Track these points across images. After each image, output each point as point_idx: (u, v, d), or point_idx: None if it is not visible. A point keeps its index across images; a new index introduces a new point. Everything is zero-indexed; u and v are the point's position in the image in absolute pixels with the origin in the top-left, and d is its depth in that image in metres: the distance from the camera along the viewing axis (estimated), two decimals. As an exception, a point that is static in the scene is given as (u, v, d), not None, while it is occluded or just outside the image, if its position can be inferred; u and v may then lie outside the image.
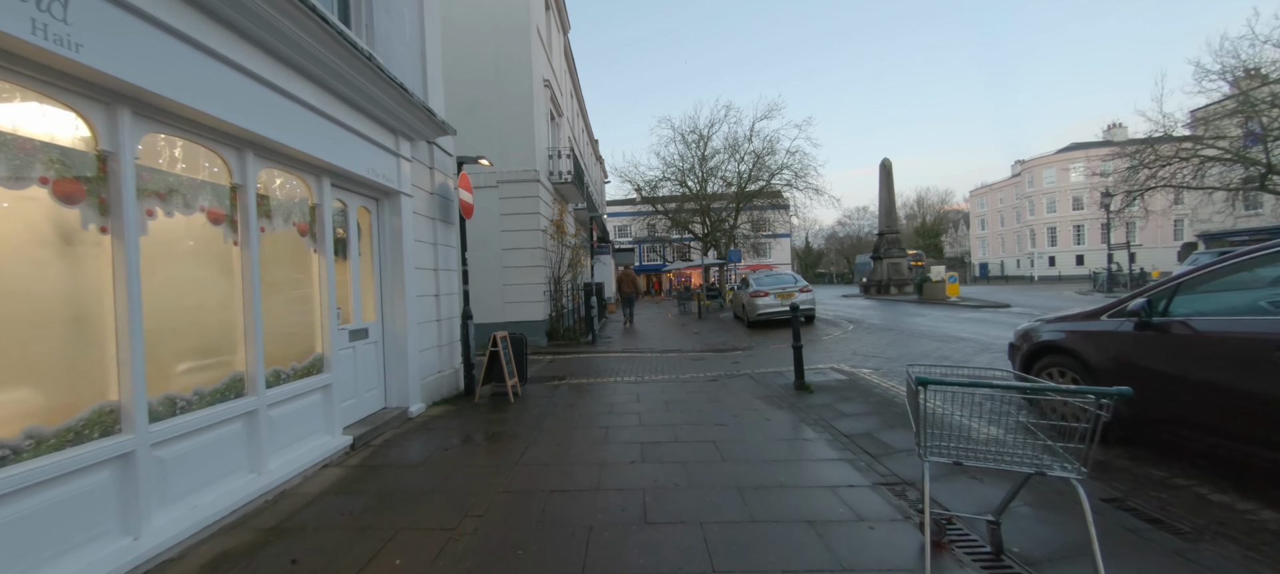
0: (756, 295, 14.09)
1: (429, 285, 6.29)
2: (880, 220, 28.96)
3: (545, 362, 10.04)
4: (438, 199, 6.59)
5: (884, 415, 5.07)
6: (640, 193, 30.52)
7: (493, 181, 11.78)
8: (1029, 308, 16.37)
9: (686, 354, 10.28)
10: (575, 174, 14.03)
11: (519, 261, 11.80)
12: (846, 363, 8.20)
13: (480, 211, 11.78)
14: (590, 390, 6.99)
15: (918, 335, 10.93)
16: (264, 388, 3.58)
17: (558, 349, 11.37)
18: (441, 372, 6.53)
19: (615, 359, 9.90)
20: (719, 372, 8.08)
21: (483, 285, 11.84)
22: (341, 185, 4.76)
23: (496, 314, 11.83)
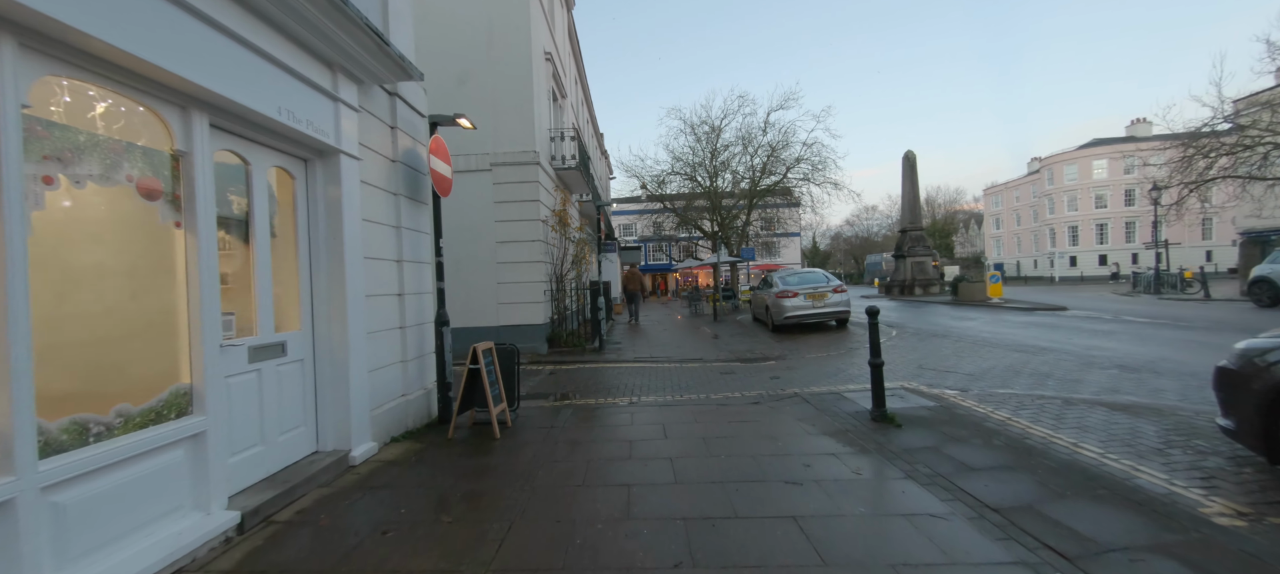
0: (784, 296, 12.50)
1: (388, 281, 4.76)
2: (903, 216, 27.30)
3: (545, 373, 8.49)
4: (402, 169, 5.05)
5: (1034, 471, 3.49)
6: (646, 189, 28.95)
7: (485, 164, 10.25)
8: (1093, 310, 14.73)
9: (711, 365, 8.71)
10: (580, 159, 12.50)
11: (516, 257, 10.26)
12: (916, 379, 6.62)
13: (472, 199, 10.27)
14: (601, 416, 5.44)
15: (982, 343, 9.32)
16: (36, 458, 2.04)
17: (560, 357, 9.83)
18: (407, 395, 4.99)
19: (628, 371, 8.34)
20: (758, 390, 6.52)
21: (474, 284, 10.31)
22: (236, 130, 3.22)
23: (490, 317, 10.29)
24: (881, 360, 4.81)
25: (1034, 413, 4.82)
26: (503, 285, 10.28)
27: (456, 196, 10.19)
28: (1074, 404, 5.06)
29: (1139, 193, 49.16)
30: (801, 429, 4.65)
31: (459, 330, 10.25)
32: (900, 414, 4.86)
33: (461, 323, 10.18)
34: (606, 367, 8.97)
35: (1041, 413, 4.82)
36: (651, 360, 9.47)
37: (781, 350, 10.01)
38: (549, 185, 11.31)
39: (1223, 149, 17.39)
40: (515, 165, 10.25)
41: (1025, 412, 4.87)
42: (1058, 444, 3.97)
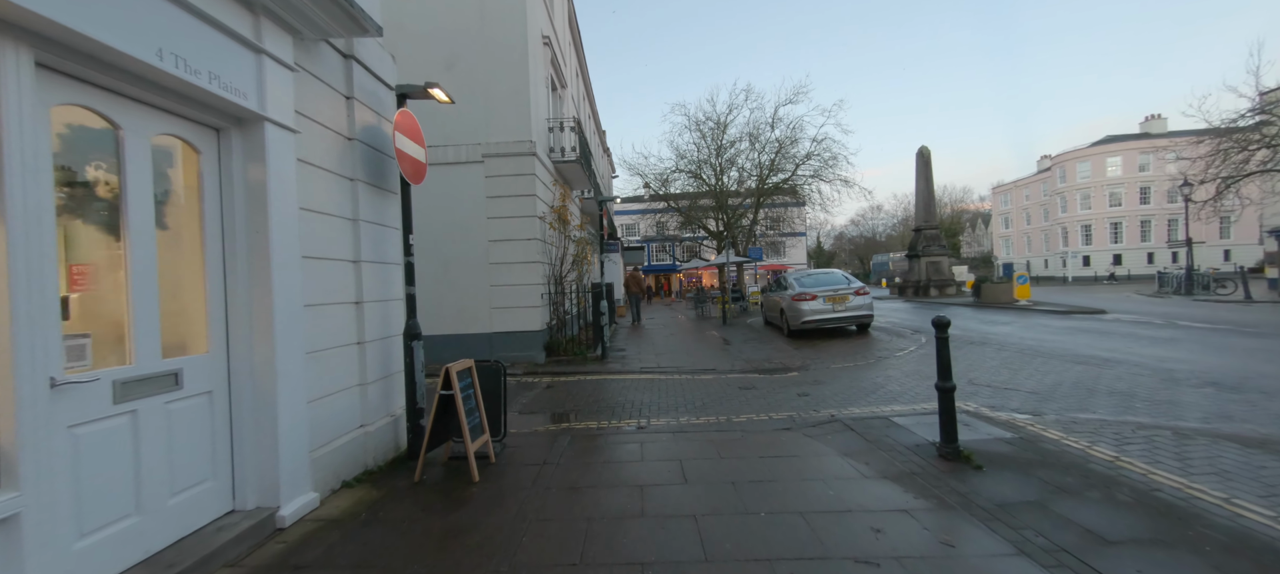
0: (801, 298, 11.56)
1: (339, 286, 3.85)
2: (917, 214, 26.31)
3: (541, 387, 7.57)
4: (361, 150, 4.14)
5: (1197, 548, 2.55)
6: (649, 188, 28.03)
7: (476, 155, 9.34)
8: (1136, 314, 13.73)
9: (727, 377, 7.78)
10: (581, 152, 11.59)
11: (511, 257, 9.35)
12: (972, 398, 5.68)
13: (462, 193, 9.37)
14: (604, 447, 4.52)
15: (1031, 353, 8.35)
16: None
17: (559, 367, 8.91)
18: (366, 425, 4.08)
19: (635, 385, 7.42)
20: (787, 410, 5.59)
21: (465, 287, 9.41)
22: (93, 78, 2.31)
23: (483, 323, 9.39)
24: (952, 384, 3.87)
25: (1145, 449, 3.88)
26: (496, 288, 9.37)
27: (445, 191, 9.31)
28: (1189, 437, 4.11)
29: (1154, 191, 48.01)
30: (853, 470, 3.72)
31: (448, 338, 9.36)
32: (976, 450, 3.93)
33: (451, 329, 9.29)
34: (610, 379, 8.05)
35: (1155, 449, 3.87)
36: (660, 371, 8.54)
37: (802, 359, 9.07)
38: (547, 179, 10.41)
39: (1262, 141, 16.41)
40: (510, 157, 9.35)
41: (1132, 447, 3.93)
42: (1204, 500, 3.03)
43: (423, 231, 9.82)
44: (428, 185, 9.68)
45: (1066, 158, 52.90)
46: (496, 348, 9.34)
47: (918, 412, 5.20)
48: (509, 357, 9.32)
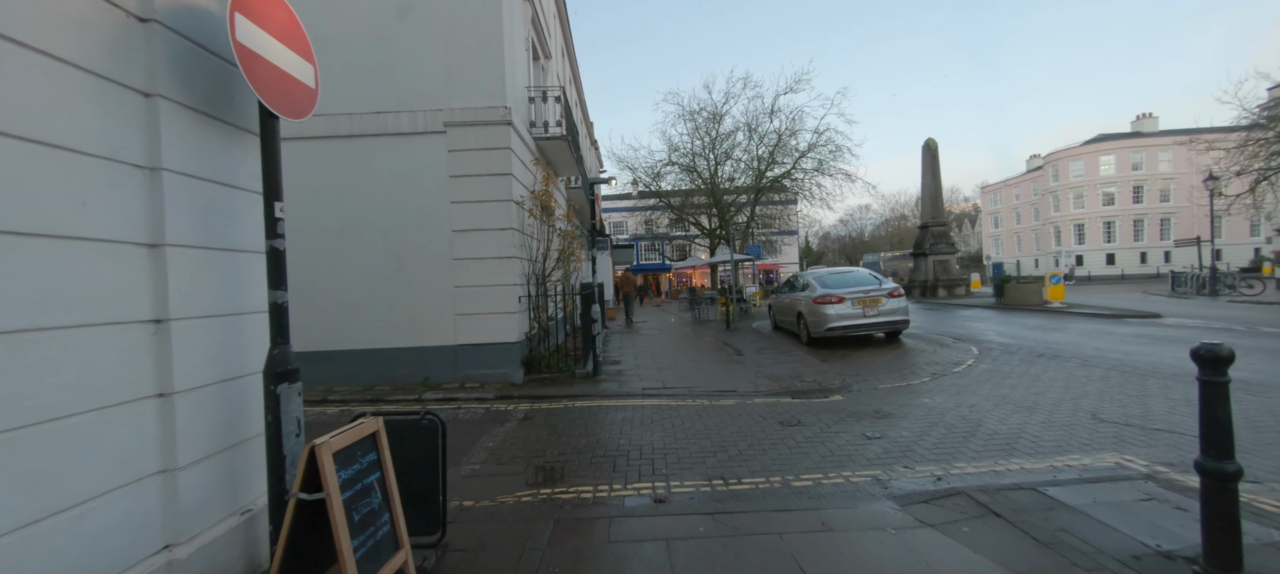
0: (824, 301, 9.90)
1: (99, 290, 2.00)
2: (923, 211, 24.97)
3: (515, 419, 5.75)
4: (162, 39, 2.29)
5: None
6: (637, 184, 26.29)
7: (436, 124, 7.47)
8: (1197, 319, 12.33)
9: (753, 403, 6.05)
10: (567, 128, 9.77)
11: (480, 250, 7.51)
12: (1130, 449, 4.03)
13: (417, 171, 7.53)
14: (609, 552, 2.75)
15: (1141, 372, 6.72)
16: None
17: (540, 389, 7.10)
18: (177, 545, 2.23)
19: (638, 415, 5.64)
20: (866, 466, 3.88)
21: (422, 288, 7.55)
22: None
23: (444, 333, 7.53)
24: (1235, 466, 2.17)
25: None
26: (463, 290, 7.52)
27: (397, 168, 7.44)
28: None
29: (1147, 190, 47.70)
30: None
31: (401, 353, 7.48)
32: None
33: (405, 340, 7.42)
34: (605, 407, 6.27)
35: None
36: (668, 393, 6.78)
37: (839, 375, 7.39)
38: (526, 157, 8.57)
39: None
40: (479, 126, 7.50)
41: None
42: None
43: (366, 218, 7.69)
44: (376, 161, 7.81)
45: (1058, 156, 52.42)
46: (463, 363, 7.49)
47: (1080, 477, 3.51)
48: (478, 374, 7.48)
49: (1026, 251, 59.53)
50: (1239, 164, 16.07)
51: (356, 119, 7.44)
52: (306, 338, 7.27)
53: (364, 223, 7.51)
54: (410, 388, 7.29)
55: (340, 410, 6.49)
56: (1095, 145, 49.65)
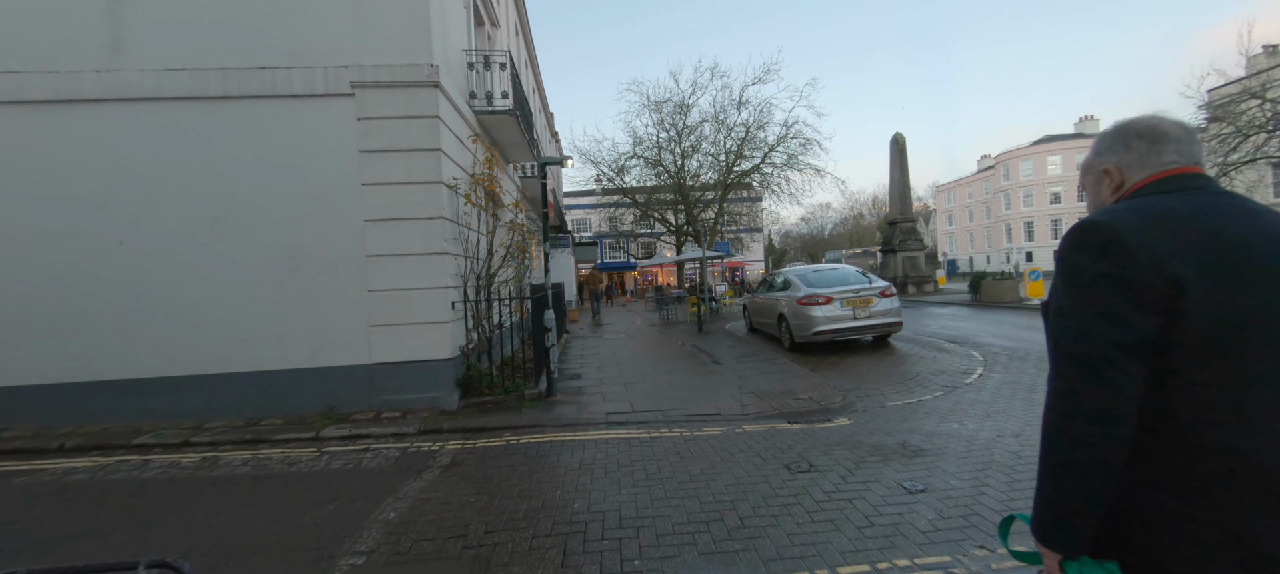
0: (810, 302, 8.84)
1: None
2: (892, 206, 24.64)
3: (435, 472, 4.30)
4: None
5: None
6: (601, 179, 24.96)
7: (341, 85, 5.89)
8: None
9: (743, 432, 4.83)
10: (517, 102, 8.30)
11: (399, 245, 5.99)
12: None
13: (315, 144, 5.97)
14: None
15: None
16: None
17: (476, 418, 5.65)
18: None
19: (601, 460, 4.30)
20: (938, 552, 2.69)
21: (324, 293, 5.99)
22: None
23: (356, 351, 5.97)
24: None
25: None
26: (378, 296, 5.97)
27: (286, 139, 5.85)
28: None
29: (1090, 189, 49.97)
30: None
31: (296, 376, 5.87)
32: None
33: (302, 361, 5.85)
34: (559, 443, 4.90)
35: None
36: (638, 421, 5.48)
37: (835, 390, 6.28)
38: (462, 132, 7.07)
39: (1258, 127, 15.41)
40: (397, 89, 5.96)
41: None
42: None
43: (249, 204, 5.79)
44: (262, 131, 5.67)
45: (1009, 156, 54.23)
46: (381, 387, 5.96)
47: None
48: (399, 400, 5.96)
49: (979, 248, 61.50)
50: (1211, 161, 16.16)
51: (233, 76, 5.77)
52: (168, 358, 5.59)
53: (246, 211, 5.86)
54: (308, 421, 5.70)
55: (201, 459, 4.86)
56: (1043, 146, 51.58)
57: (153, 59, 5.74)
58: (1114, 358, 0.91)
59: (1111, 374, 0.91)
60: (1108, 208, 1.04)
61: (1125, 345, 0.92)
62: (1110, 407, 0.92)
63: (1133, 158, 1.08)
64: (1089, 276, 0.97)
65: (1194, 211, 0.95)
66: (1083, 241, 0.99)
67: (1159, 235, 0.93)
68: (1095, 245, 0.97)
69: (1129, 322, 0.92)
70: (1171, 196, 0.99)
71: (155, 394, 5.73)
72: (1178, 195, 0.99)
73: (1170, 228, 0.93)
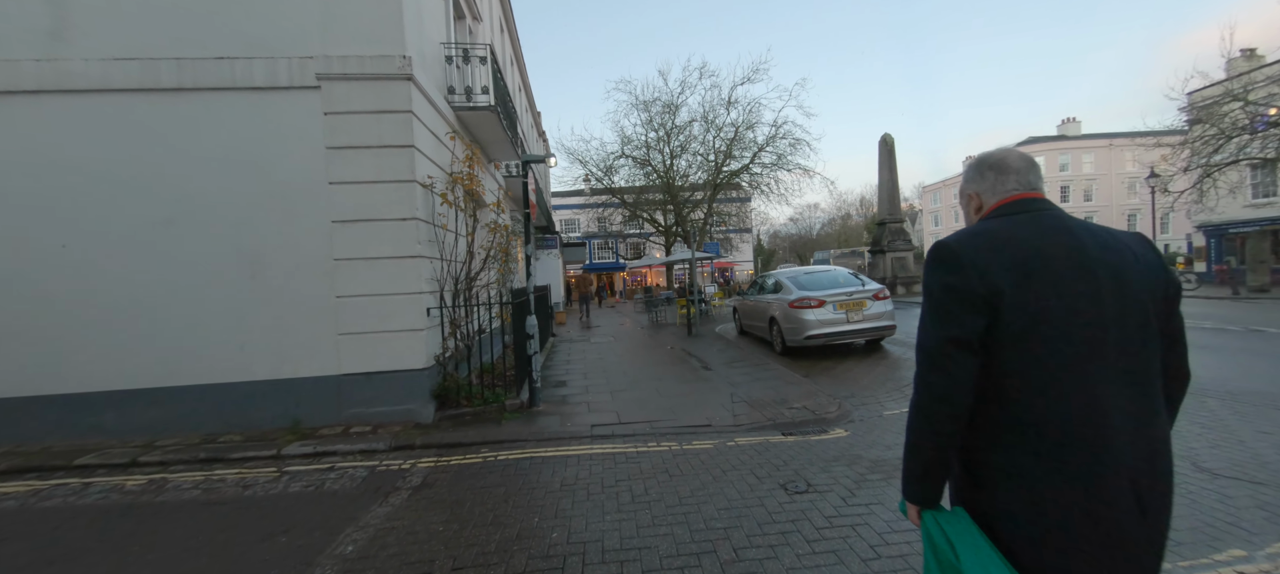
0: (802, 304, 8.61)
1: None
2: (880, 207, 24.62)
3: (404, 495, 3.96)
4: None
5: None
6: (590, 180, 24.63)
7: (307, 77, 5.50)
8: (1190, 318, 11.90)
9: (735, 446, 4.55)
10: (499, 98, 7.95)
11: (370, 248, 5.62)
12: (1272, 532, 2.79)
13: (279, 143, 5.62)
14: None
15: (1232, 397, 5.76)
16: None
17: (454, 432, 5.30)
18: None
19: (584, 481, 3.98)
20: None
21: (290, 299, 5.61)
22: None
23: (324, 361, 5.60)
24: None
25: None
26: (347, 302, 5.60)
27: (249, 135, 5.46)
28: None
29: (1073, 190, 50.59)
30: None
31: (258, 387, 5.48)
32: None
33: (265, 373, 5.47)
34: (540, 460, 4.58)
35: None
36: (625, 433, 5.18)
37: (830, 398, 6.03)
38: (439, 128, 6.72)
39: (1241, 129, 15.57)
40: (367, 82, 5.60)
41: None
42: None
43: (206, 205, 5.35)
44: (220, 126, 5.14)
45: (993, 157, 54.75)
46: (350, 399, 5.59)
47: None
48: (370, 414, 5.60)
49: (964, 248, 62.05)
50: (1185, 161, 16.29)
51: (188, 66, 5.36)
52: (117, 370, 5.18)
53: (203, 212, 5.46)
54: (271, 437, 5.32)
55: (147, 481, 4.46)
56: (1026, 147, 52.13)
57: (99, 47, 5.31)
58: (949, 351, 1.13)
59: (948, 363, 1.13)
60: (956, 231, 1.22)
61: (959, 340, 1.13)
62: (947, 389, 1.14)
63: (986, 186, 1.32)
64: (935, 286, 1.19)
65: (1017, 231, 1.17)
66: (932, 259, 1.21)
67: (987, 252, 1.14)
68: (940, 262, 1.19)
69: (962, 321, 1.13)
70: (1007, 219, 1.21)
71: (102, 409, 5.30)
72: (1011, 218, 1.21)
73: (996, 246, 1.15)
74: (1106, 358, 1.10)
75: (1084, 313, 1.10)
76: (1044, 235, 1.16)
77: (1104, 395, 1.08)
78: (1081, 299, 1.11)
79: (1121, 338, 1.11)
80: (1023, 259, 1.13)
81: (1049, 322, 1.10)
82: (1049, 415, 1.09)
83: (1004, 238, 1.17)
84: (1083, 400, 1.08)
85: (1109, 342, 1.10)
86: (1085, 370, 1.09)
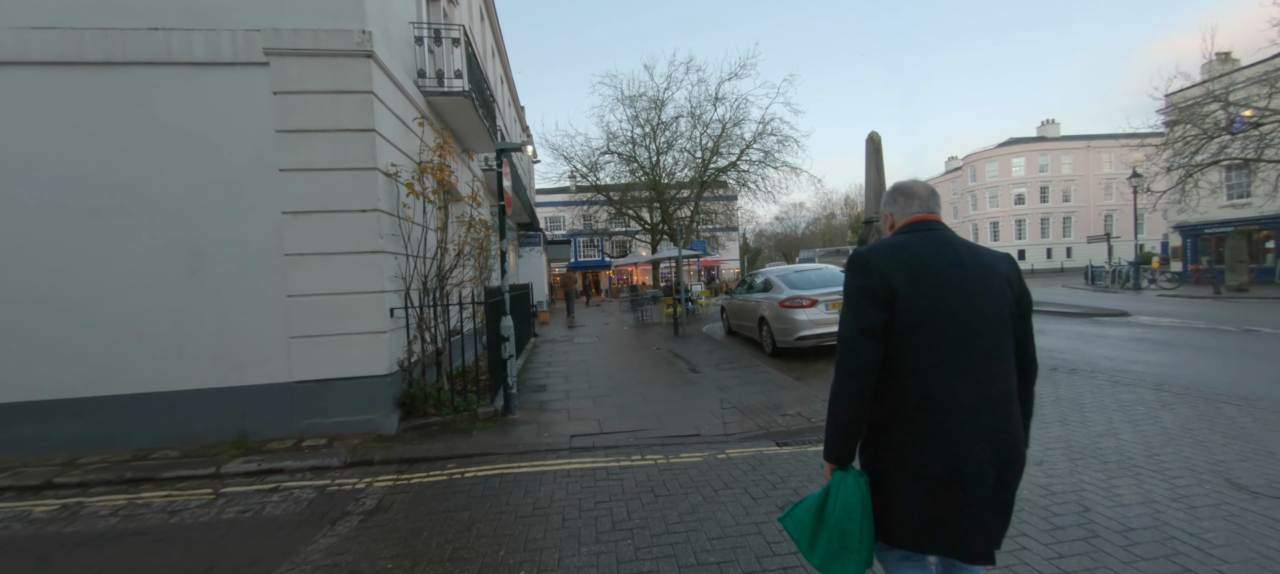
0: (793, 304, 8.28)
1: None
2: (867, 205, 24.18)
3: (352, 523, 3.47)
4: None
5: None
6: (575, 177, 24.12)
7: (252, 52, 4.95)
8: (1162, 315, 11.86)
9: (726, 459, 4.16)
10: (473, 83, 7.44)
11: (326, 242, 5.10)
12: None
13: (223, 124, 5.04)
14: None
15: (1195, 394, 5.43)
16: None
17: (418, 445, 4.82)
18: None
19: (559, 503, 3.53)
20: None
21: (233, 299, 5.07)
22: None
23: (274, 367, 5.06)
24: None
25: None
26: (300, 302, 5.07)
27: (188, 116, 4.91)
28: None
29: (1052, 191, 51.41)
30: None
31: (200, 396, 4.92)
32: None
33: (206, 380, 4.92)
34: (512, 477, 4.12)
35: None
36: (607, 445, 4.75)
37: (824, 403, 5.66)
38: (406, 112, 6.20)
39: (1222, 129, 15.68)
40: (322, 59, 5.06)
41: None
42: None
43: (140, 193, 4.69)
44: (155, 106, 4.45)
45: (976, 158, 55.44)
46: (304, 409, 5.07)
47: None
48: (326, 425, 5.09)
49: (947, 248, 62.78)
50: (1167, 161, 16.36)
51: (117, 37, 4.78)
52: (34, 378, 4.60)
53: (135, 202, 4.88)
54: (213, 452, 4.78)
55: (60, 507, 3.91)
56: (1008, 148, 52.86)
57: (13, 14, 4.70)
58: (861, 338, 1.44)
59: (858, 349, 1.45)
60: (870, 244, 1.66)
61: (867, 330, 1.45)
62: (858, 368, 1.44)
63: (898, 208, 1.66)
64: (851, 288, 1.52)
65: (913, 245, 1.51)
66: (850, 266, 1.53)
67: (889, 260, 1.47)
68: (855, 268, 1.52)
69: (869, 315, 1.45)
70: (909, 235, 1.56)
71: (17, 422, 4.71)
72: (912, 235, 1.55)
73: (895, 255, 1.48)
74: (973, 348, 1.40)
75: (958, 312, 1.40)
76: (933, 250, 1.47)
77: (971, 376, 1.39)
78: (955, 301, 1.42)
79: (985, 332, 1.42)
80: (913, 267, 1.44)
81: (930, 317, 1.40)
82: (930, 391, 1.40)
83: (903, 250, 1.49)
84: (955, 380, 1.39)
85: (975, 335, 1.40)
86: (957, 357, 1.39)
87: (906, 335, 1.42)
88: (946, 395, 1.38)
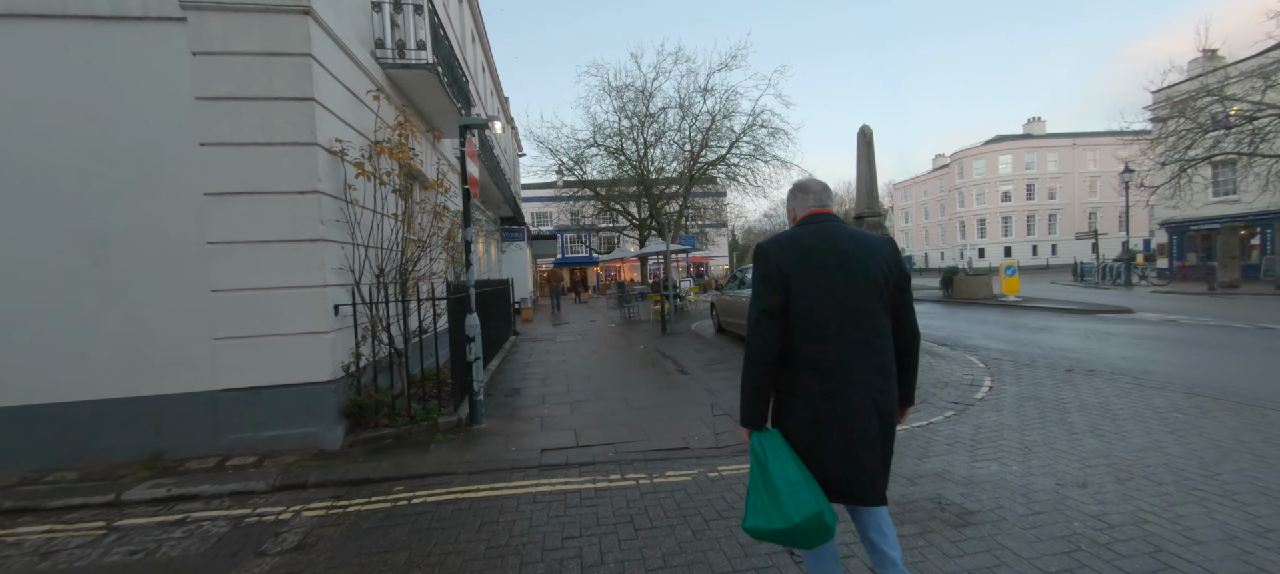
0: (789, 301, 7.69)
1: None
2: (858, 200, 23.79)
3: (275, 553, 2.80)
4: None
5: None
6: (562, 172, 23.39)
7: (169, 6, 4.23)
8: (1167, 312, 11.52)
9: (720, 476, 3.57)
10: (441, 57, 6.73)
11: (257, 229, 4.41)
12: None
13: (131, 89, 4.28)
14: None
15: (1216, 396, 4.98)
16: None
17: (364, 463, 4.15)
18: None
19: (519, 538, 2.90)
20: None
21: (145, 294, 4.36)
22: None
23: (196, 372, 4.36)
24: None
25: None
26: (226, 297, 4.37)
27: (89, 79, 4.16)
28: None
29: (1038, 188, 51.71)
30: None
31: (105, 408, 4.18)
32: None
33: (114, 388, 4.21)
34: (467, 501, 3.49)
35: None
36: (582, 460, 4.14)
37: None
38: (357, 81, 5.50)
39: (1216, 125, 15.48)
40: (250, 14, 4.35)
41: None
42: None
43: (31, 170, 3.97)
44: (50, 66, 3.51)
45: (963, 155, 55.58)
46: (230, 422, 4.38)
47: None
48: (258, 440, 4.40)
49: (934, 245, 63.08)
50: (1161, 155, 16.13)
51: (-3, -17, 4.03)
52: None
53: (21, 180, 4.15)
54: (119, 473, 4.07)
55: (-96, 549, 3.18)
56: (995, 145, 53.05)
57: None
58: (763, 319, 1.76)
59: (761, 328, 1.77)
60: (771, 236, 1.93)
61: (768, 311, 1.77)
62: (762, 344, 1.76)
63: (797, 203, 1.99)
64: (755, 276, 1.83)
65: (805, 235, 1.82)
66: (754, 257, 1.86)
67: (784, 250, 1.79)
68: (758, 259, 1.84)
69: (769, 298, 1.77)
70: (804, 227, 1.87)
71: (-121, 441, 3.96)
72: (806, 226, 1.86)
73: (789, 245, 1.80)
74: (856, 320, 1.75)
75: (840, 289, 1.75)
76: (821, 239, 1.80)
77: (854, 344, 1.74)
78: (837, 282, 1.76)
79: (866, 307, 1.76)
80: (804, 254, 1.79)
81: (818, 295, 1.75)
82: (821, 357, 1.75)
83: (795, 240, 1.84)
84: (840, 348, 1.74)
85: (858, 309, 1.75)
86: (842, 327, 1.74)
87: (799, 312, 1.75)
88: (835, 361, 1.72)
